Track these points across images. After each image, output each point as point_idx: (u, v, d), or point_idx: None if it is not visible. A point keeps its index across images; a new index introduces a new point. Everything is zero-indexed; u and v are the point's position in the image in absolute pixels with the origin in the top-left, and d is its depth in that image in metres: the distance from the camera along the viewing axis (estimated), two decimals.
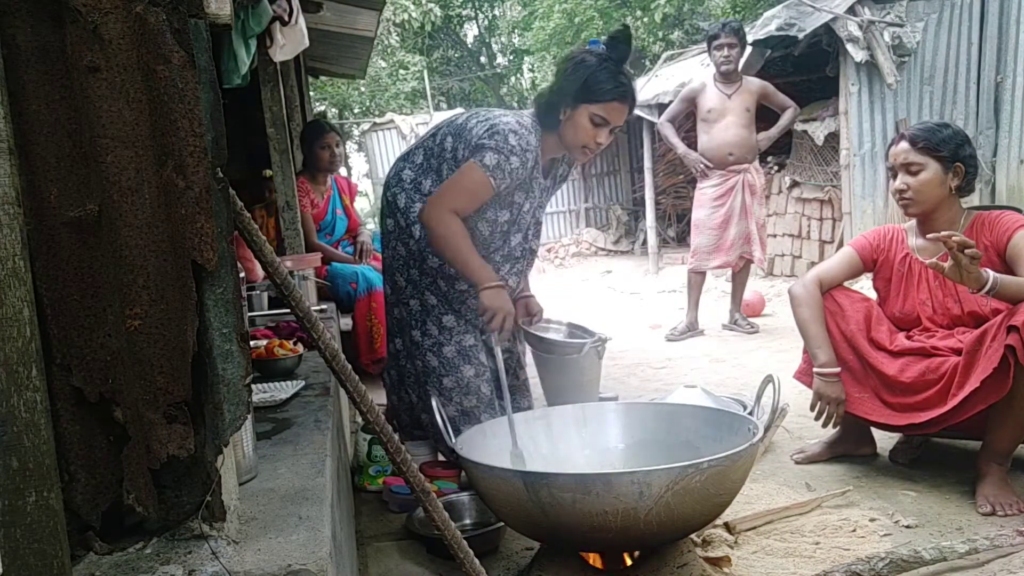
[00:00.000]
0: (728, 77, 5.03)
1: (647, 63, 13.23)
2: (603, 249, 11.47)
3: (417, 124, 13.17)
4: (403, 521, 2.39)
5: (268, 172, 4.18)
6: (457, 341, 2.56)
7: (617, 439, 2.26)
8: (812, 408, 2.61)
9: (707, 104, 5.06)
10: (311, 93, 8.00)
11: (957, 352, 2.38)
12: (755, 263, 5.29)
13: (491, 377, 2.59)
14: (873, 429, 2.76)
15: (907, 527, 2.23)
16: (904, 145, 2.51)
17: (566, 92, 2.37)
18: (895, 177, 2.55)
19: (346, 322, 3.95)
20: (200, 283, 1.14)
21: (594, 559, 1.90)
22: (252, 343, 2.36)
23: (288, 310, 1.43)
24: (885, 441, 2.84)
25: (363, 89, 17.20)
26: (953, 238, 2.13)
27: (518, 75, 19.43)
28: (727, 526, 2.21)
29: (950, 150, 2.45)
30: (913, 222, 2.63)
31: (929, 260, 2.30)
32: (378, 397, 3.86)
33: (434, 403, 2.13)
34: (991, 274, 2.19)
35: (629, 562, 1.89)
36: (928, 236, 2.46)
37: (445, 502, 2.01)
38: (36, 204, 1.08)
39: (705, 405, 2.59)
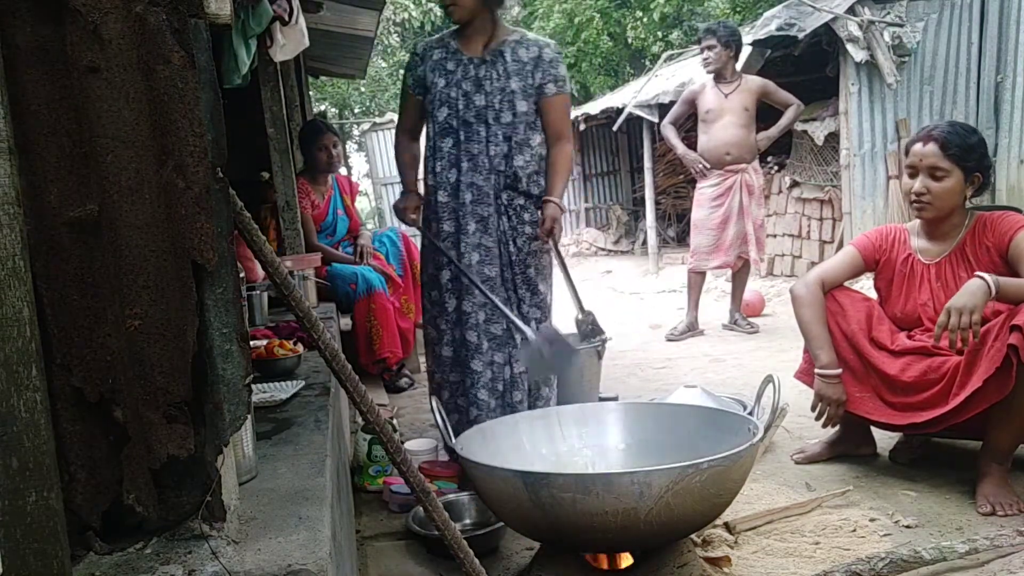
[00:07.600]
0: (722, 77, 5.02)
1: (647, 63, 13.24)
2: (603, 249, 11.46)
3: None
4: (403, 521, 2.39)
5: (265, 175, 4.16)
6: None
7: (617, 439, 2.26)
8: (813, 409, 2.61)
9: (705, 104, 5.06)
10: (311, 93, 7.99)
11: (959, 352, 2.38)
12: (751, 263, 5.28)
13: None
14: (873, 429, 2.76)
15: (907, 527, 2.23)
16: (933, 147, 2.43)
17: None
18: (912, 176, 2.49)
19: (346, 322, 3.95)
20: (200, 283, 1.14)
21: (594, 559, 1.90)
22: (252, 343, 2.36)
23: (287, 309, 1.43)
24: (885, 441, 2.84)
25: (363, 89, 17.16)
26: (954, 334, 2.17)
27: None
28: (727, 526, 2.21)
29: (976, 160, 2.43)
30: (916, 222, 2.62)
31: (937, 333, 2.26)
32: (378, 397, 3.86)
33: (433, 403, 2.14)
34: (991, 277, 2.19)
35: (630, 562, 1.89)
36: (932, 345, 2.44)
37: (445, 502, 2.01)
38: (36, 204, 1.08)
39: (705, 405, 2.60)
